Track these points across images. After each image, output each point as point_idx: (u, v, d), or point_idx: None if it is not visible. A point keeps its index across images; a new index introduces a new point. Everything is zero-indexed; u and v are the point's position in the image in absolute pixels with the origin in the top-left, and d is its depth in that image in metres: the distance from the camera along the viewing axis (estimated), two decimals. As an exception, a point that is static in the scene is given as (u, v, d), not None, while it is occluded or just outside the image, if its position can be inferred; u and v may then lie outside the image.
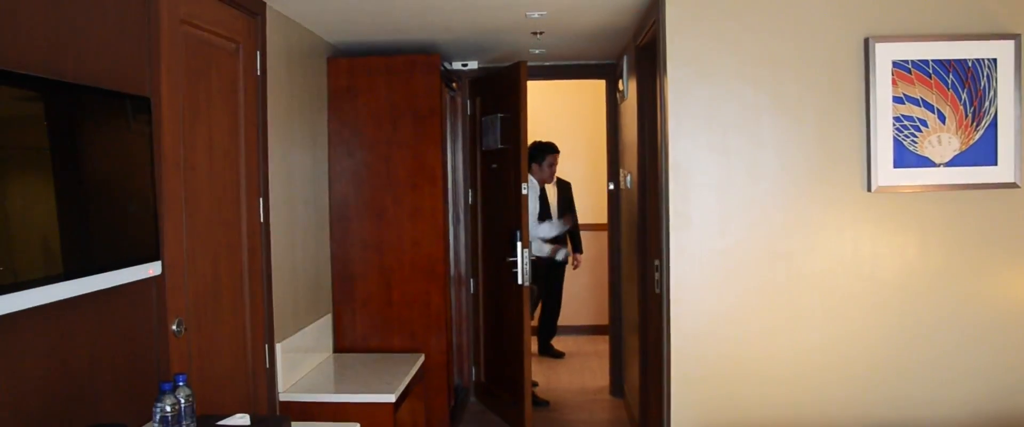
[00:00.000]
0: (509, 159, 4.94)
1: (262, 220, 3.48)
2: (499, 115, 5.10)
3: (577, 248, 7.04)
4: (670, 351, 3.46)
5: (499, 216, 5.21)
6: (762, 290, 3.41)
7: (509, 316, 5.02)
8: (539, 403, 5.69)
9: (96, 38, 2.31)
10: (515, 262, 4.78)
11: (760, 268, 3.41)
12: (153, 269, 2.36)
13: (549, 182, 6.46)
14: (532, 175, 6.00)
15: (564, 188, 6.88)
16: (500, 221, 5.17)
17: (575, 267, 7.08)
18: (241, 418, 2.39)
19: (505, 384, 5.16)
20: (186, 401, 2.20)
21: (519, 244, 4.73)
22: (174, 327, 2.71)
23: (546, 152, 6.21)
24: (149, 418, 2.44)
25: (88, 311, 2.23)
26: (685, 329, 3.44)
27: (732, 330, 3.42)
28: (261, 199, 3.47)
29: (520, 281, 4.75)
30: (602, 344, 6.75)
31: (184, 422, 2.19)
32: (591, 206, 7.31)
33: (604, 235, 6.19)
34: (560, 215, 6.76)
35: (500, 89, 5.10)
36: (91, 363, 2.26)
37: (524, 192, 4.73)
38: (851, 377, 3.41)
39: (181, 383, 2.22)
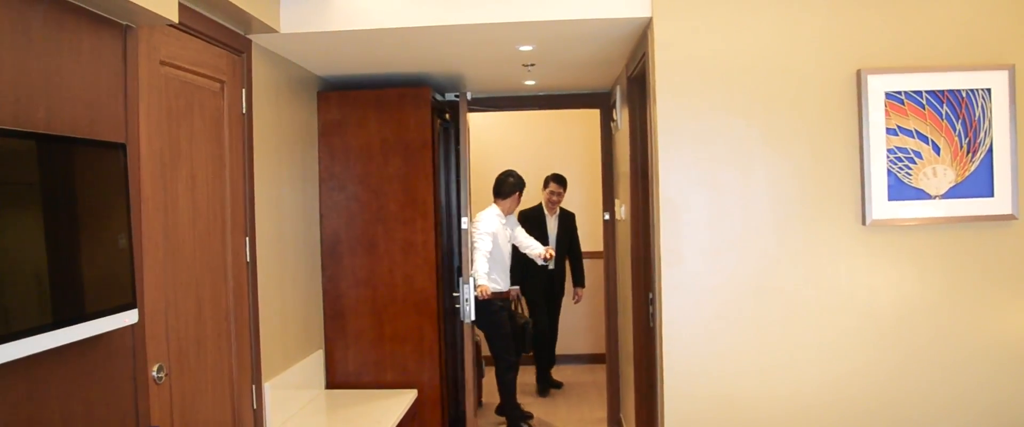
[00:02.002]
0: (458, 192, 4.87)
1: (248, 259, 3.43)
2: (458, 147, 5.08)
3: (579, 282, 6.89)
4: (664, 389, 3.40)
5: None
6: (756, 326, 3.35)
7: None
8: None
9: (69, 85, 2.27)
10: (457, 297, 4.67)
11: (754, 304, 3.35)
12: (129, 318, 2.31)
13: (513, 212, 6.00)
14: (497, 206, 5.76)
15: (566, 219, 6.75)
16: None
17: (576, 301, 6.94)
18: (218, 471, 2.33)
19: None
20: (159, 456, 2.14)
21: (460, 279, 4.63)
22: (155, 373, 2.66)
23: (503, 194, 5.78)
24: (126, 470, 2.39)
25: (59, 362, 2.18)
26: (679, 366, 3.38)
27: (726, 367, 3.36)
28: (247, 238, 3.42)
29: (462, 317, 4.64)
30: (600, 373, 6.68)
31: (157, 478, 2.13)
32: (588, 234, 7.25)
33: (601, 263, 6.12)
34: (558, 249, 6.58)
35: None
36: (65, 416, 2.20)
37: (464, 226, 4.64)
38: (845, 410, 3.34)
39: (154, 437, 2.16)
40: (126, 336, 2.51)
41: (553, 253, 5.97)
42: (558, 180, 6.68)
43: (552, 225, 6.67)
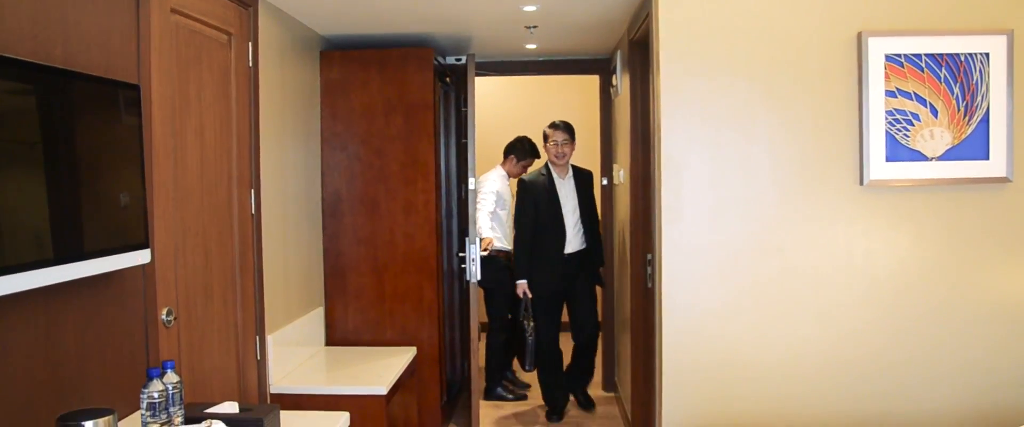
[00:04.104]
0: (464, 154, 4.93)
1: (253, 212, 3.47)
2: (464, 110, 5.11)
3: (600, 261, 5.40)
4: (662, 345, 3.46)
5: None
6: (754, 284, 3.41)
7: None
8: (519, 387, 5.72)
9: (85, 26, 2.30)
10: (463, 257, 4.70)
11: (753, 262, 3.40)
12: (142, 257, 2.35)
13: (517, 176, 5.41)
14: (502, 167, 5.68)
15: (584, 181, 5.30)
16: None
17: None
18: (230, 406, 2.38)
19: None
20: (174, 388, 2.19)
21: (467, 239, 4.65)
22: (164, 317, 2.70)
23: (521, 154, 5.60)
24: (138, 408, 2.43)
25: (76, 299, 2.22)
26: (677, 323, 3.43)
27: (724, 324, 3.42)
28: (252, 191, 3.46)
29: (468, 277, 4.69)
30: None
31: (172, 409, 2.18)
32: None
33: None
34: (585, 218, 5.18)
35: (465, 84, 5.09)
36: (79, 351, 2.25)
37: (471, 187, 4.68)
38: (843, 371, 3.40)
39: (169, 370, 2.21)
40: (137, 277, 2.56)
41: (492, 242, 5.19)
42: (560, 127, 5.20)
43: (566, 191, 5.15)
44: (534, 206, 5.11)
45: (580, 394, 5.47)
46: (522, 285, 5.12)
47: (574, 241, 5.10)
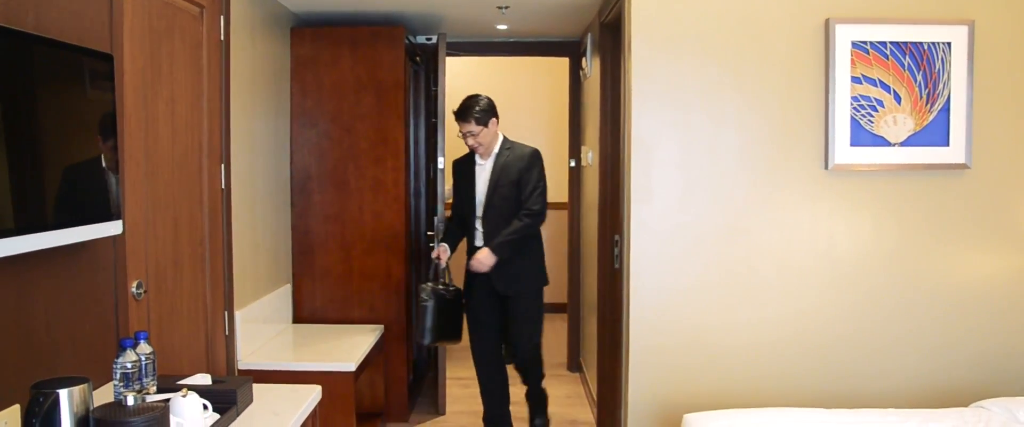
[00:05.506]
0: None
1: (223, 186, 3.45)
2: (434, 89, 5.14)
3: (489, 241, 4.16)
4: (629, 325, 3.51)
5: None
6: (721, 265, 3.47)
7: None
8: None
9: (58, -8, 2.28)
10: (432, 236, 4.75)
11: (719, 243, 3.46)
12: (114, 228, 2.33)
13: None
14: None
15: (513, 162, 4.20)
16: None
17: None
18: (202, 378, 2.38)
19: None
20: (147, 359, 2.19)
21: (435, 218, 4.65)
22: (134, 289, 2.69)
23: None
24: (108, 379, 2.42)
25: (45, 269, 2.20)
26: (644, 302, 3.48)
27: (690, 303, 3.48)
28: (223, 165, 3.44)
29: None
30: (560, 322, 6.79)
31: (145, 380, 2.18)
32: (551, 185, 7.26)
33: (564, 214, 6.21)
34: (489, 209, 4.21)
35: (435, 63, 5.10)
36: (49, 322, 2.23)
37: (441, 167, 4.65)
38: (806, 351, 3.48)
39: (142, 341, 2.20)
40: (108, 249, 2.54)
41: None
42: (460, 115, 4.17)
43: (482, 175, 4.26)
44: (457, 190, 4.38)
45: (537, 419, 4.56)
46: (438, 249, 4.26)
47: (481, 233, 4.24)
